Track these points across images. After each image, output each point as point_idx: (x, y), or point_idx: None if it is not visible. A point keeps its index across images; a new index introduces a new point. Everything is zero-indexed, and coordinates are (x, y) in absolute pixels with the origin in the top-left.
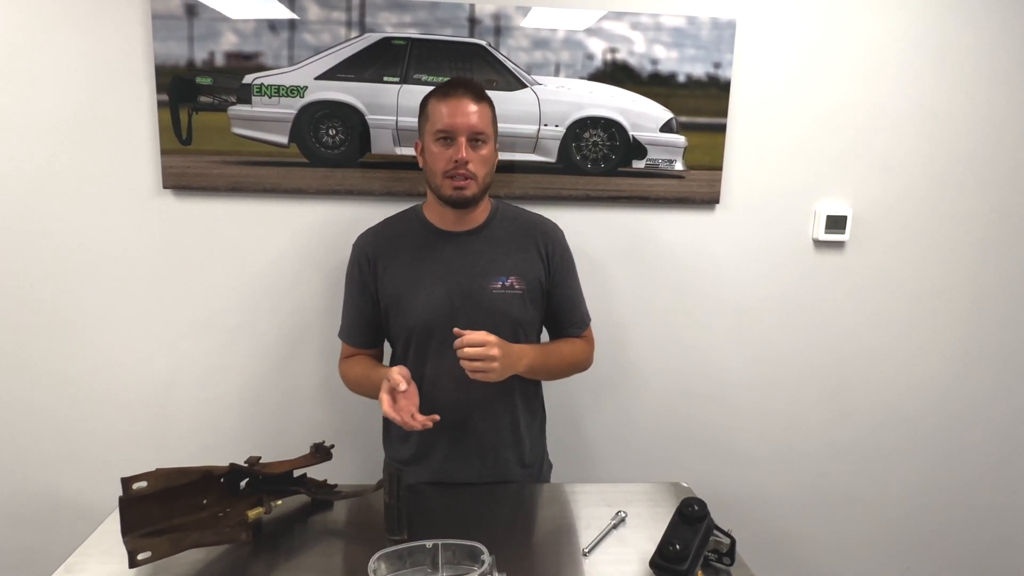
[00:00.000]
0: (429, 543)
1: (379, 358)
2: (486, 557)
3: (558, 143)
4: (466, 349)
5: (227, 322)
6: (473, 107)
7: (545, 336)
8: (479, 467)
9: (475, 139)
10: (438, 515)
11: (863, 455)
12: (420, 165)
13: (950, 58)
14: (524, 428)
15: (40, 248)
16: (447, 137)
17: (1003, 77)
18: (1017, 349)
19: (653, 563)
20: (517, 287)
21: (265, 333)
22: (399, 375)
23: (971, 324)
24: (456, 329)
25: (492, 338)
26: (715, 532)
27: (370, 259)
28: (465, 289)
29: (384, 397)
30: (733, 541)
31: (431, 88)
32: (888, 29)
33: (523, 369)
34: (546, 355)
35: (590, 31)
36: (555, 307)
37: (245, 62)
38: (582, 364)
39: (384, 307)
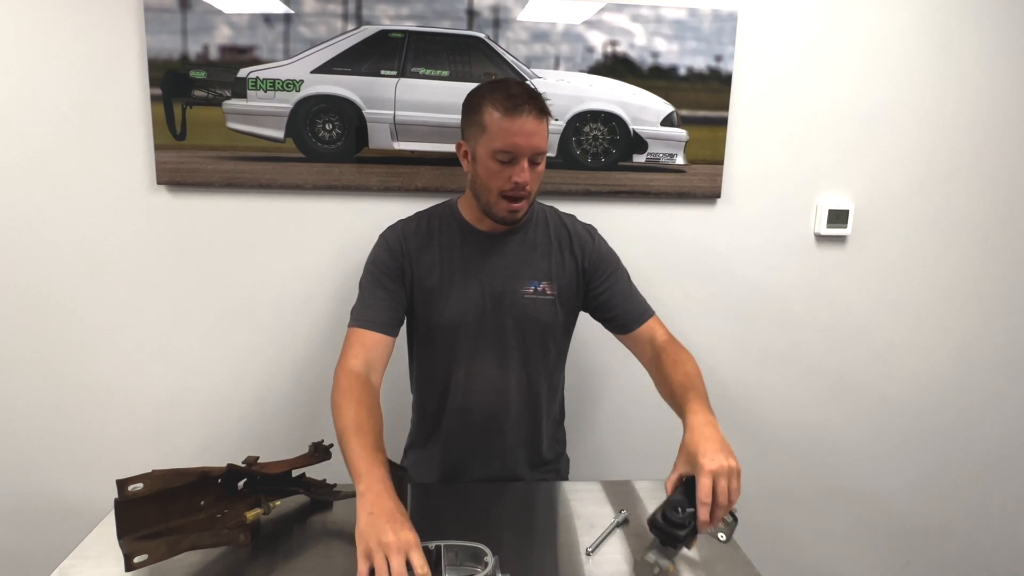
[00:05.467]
0: (431, 544)
1: (388, 355)
2: (489, 559)
3: (558, 137)
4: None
5: (223, 319)
6: (539, 126)
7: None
8: (499, 466)
9: (535, 158)
10: (440, 515)
11: (864, 450)
12: (465, 169)
13: (953, 51)
14: (546, 427)
15: (30, 245)
16: (510, 159)
17: (1007, 70)
18: (1020, 345)
19: (652, 522)
20: (548, 292)
21: (263, 329)
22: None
23: (974, 319)
24: (701, 518)
25: (734, 463)
26: None
27: (404, 250)
28: (498, 291)
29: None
30: (735, 519)
31: (481, 87)
32: (891, 21)
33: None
34: (700, 392)
35: (590, 23)
36: (611, 305)
37: (240, 56)
38: (695, 363)
39: (412, 301)
